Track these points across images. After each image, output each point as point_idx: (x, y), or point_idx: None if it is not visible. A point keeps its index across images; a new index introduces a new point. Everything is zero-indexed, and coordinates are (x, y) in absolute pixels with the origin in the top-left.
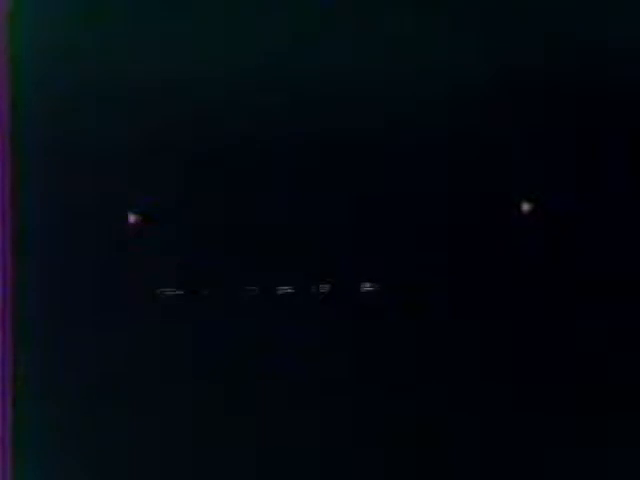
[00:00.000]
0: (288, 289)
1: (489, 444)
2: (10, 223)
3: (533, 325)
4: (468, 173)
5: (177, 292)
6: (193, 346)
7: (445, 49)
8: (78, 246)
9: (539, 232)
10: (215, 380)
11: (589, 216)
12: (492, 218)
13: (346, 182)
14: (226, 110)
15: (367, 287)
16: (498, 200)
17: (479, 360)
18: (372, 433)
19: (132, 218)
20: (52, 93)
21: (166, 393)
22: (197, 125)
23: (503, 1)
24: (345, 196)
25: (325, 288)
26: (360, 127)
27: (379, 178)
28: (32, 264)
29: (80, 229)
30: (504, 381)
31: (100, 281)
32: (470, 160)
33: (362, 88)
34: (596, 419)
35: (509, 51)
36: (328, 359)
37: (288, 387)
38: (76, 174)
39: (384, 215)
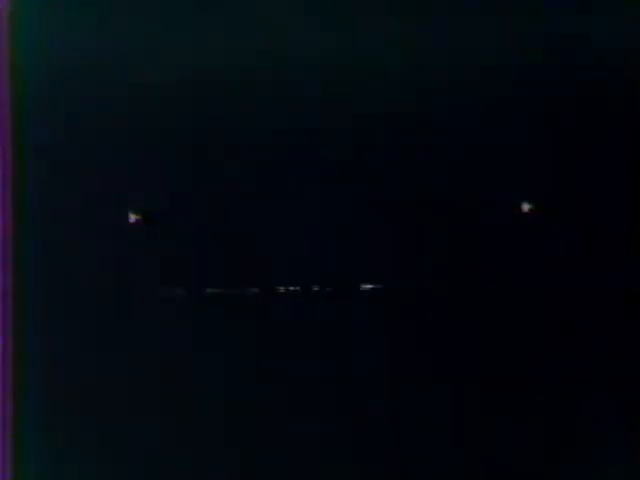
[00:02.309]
0: (288, 289)
1: (488, 443)
2: (11, 223)
3: (533, 325)
4: (468, 173)
5: (177, 292)
6: (193, 345)
7: (446, 47)
8: (78, 246)
9: (538, 233)
10: (215, 380)
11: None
12: (492, 219)
13: (346, 183)
14: (228, 110)
15: (367, 287)
16: (498, 200)
17: (478, 360)
18: (372, 432)
19: (132, 218)
20: (53, 93)
21: (166, 392)
22: (198, 125)
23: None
24: (345, 197)
25: (325, 288)
26: (360, 128)
27: (378, 179)
28: (32, 264)
29: (80, 229)
30: (503, 380)
31: (100, 281)
32: (470, 160)
33: (362, 87)
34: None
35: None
36: (328, 359)
37: (288, 387)
38: (76, 174)
39: (384, 215)
